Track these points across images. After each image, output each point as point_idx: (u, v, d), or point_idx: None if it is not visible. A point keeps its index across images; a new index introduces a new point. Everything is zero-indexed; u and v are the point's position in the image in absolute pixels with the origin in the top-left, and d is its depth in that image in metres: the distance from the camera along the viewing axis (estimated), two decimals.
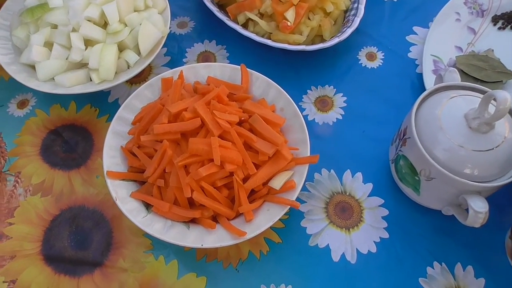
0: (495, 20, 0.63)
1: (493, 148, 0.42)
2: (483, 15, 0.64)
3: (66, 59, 0.55)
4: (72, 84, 0.54)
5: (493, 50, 0.61)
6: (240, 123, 0.48)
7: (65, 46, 0.55)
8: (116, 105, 0.59)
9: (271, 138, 0.45)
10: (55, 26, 0.55)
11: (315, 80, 0.62)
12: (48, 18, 0.55)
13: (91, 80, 0.55)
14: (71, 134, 0.57)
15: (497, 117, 0.40)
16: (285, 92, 0.52)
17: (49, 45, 0.55)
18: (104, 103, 0.59)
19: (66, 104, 0.59)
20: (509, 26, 0.63)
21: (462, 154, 0.42)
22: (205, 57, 0.64)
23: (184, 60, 0.64)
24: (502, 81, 0.57)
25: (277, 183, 0.44)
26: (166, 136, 0.45)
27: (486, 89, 0.46)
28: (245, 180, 0.44)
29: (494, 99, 0.40)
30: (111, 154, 0.48)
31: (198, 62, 0.64)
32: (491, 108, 0.41)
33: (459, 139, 0.42)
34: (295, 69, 0.62)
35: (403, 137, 0.47)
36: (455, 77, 0.48)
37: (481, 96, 0.44)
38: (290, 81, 0.61)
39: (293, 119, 0.50)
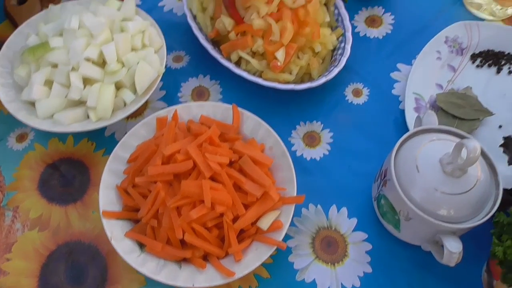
0: (473, 58, 0.67)
1: (466, 192, 0.44)
2: (462, 53, 0.67)
3: (65, 97, 0.57)
4: (70, 122, 0.56)
5: (471, 88, 0.64)
6: (230, 163, 0.50)
7: (64, 85, 0.57)
8: (112, 139, 0.61)
9: (259, 180, 0.48)
10: (55, 65, 0.58)
11: (304, 116, 0.64)
12: (49, 57, 0.57)
13: (88, 118, 0.57)
14: (68, 168, 0.59)
15: (468, 164, 0.43)
16: (274, 132, 0.55)
17: (49, 83, 0.58)
18: (100, 137, 0.62)
19: (64, 138, 0.61)
20: (486, 64, 0.66)
21: (438, 197, 0.45)
22: (199, 92, 0.67)
23: (178, 94, 0.66)
24: (479, 118, 0.61)
25: (264, 224, 0.47)
26: (159, 178, 0.47)
27: (462, 132, 0.49)
28: (234, 219, 0.47)
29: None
30: (107, 192, 0.50)
31: (192, 97, 0.66)
32: (464, 153, 0.44)
33: (435, 183, 0.45)
34: (285, 105, 0.65)
35: (384, 177, 0.50)
36: (432, 120, 0.51)
37: (457, 139, 0.47)
38: (280, 116, 0.64)
39: (281, 158, 0.53)
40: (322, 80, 0.61)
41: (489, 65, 0.66)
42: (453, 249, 0.43)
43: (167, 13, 0.75)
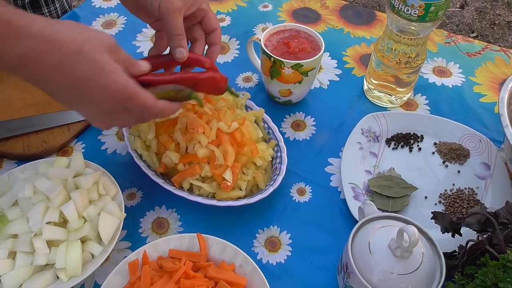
0: (388, 142, 0.79)
1: (417, 268, 0.52)
2: (378, 140, 0.79)
3: (31, 264, 0.58)
4: None
5: (394, 168, 0.75)
6: None
7: (28, 252, 0.58)
8: None
9: None
10: (15, 235, 0.59)
11: (260, 223, 0.70)
12: (8, 230, 0.59)
13: (58, 278, 0.58)
14: None
15: (412, 246, 0.50)
16: (241, 250, 0.59)
17: (11, 253, 0.58)
18: None
19: None
20: (399, 146, 0.78)
21: (395, 278, 0.51)
22: (158, 223, 0.70)
23: (139, 230, 0.69)
24: (407, 194, 0.71)
25: None
26: None
27: (400, 216, 0.57)
28: None
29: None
30: None
31: (153, 229, 0.70)
32: (406, 237, 0.52)
33: (389, 266, 0.52)
34: (241, 217, 0.70)
35: (346, 270, 0.56)
36: (372, 209, 0.59)
37: (398, 222, 0.56)
38: (239, 229, 0.69)
39: (253, 274, 0.57)
40: (270, 190, 0.68)
41: (402, 146, 0.78)
42: None
43: (111, 155, 0.79)
